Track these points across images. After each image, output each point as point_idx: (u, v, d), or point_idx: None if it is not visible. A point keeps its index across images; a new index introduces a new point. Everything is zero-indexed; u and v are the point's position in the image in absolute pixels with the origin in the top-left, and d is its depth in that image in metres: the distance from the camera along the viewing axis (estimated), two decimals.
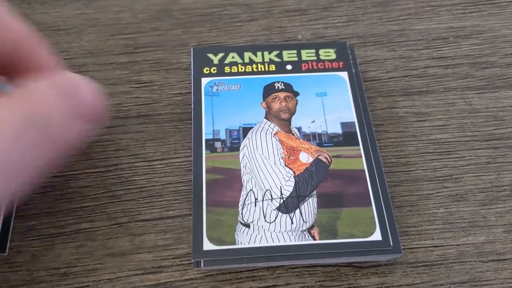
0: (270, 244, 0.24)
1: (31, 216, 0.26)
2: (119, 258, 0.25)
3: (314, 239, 0.24)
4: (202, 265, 0.24)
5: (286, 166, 0.26)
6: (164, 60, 0.32)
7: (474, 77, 0.31)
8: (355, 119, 0.28)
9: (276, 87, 0.29)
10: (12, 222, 0.26)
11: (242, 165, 0.26)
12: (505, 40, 0.33)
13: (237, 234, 0.24)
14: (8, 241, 0.25)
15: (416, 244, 0.26)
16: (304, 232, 0.24)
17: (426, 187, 0.27)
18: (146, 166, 0.28)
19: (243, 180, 0.26)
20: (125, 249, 0.26)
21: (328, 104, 0.28)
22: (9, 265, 0.25)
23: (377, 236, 0.24)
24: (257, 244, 0.24)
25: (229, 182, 0.26)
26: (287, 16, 0.34)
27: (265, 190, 0.26)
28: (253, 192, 0.26)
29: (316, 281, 0.25)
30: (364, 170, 0.26)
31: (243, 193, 0.26)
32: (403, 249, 0.25)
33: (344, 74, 0.29)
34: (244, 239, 0.24)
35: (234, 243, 0.24)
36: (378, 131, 0.29)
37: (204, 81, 0.29)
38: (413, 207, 0.27)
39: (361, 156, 0.27)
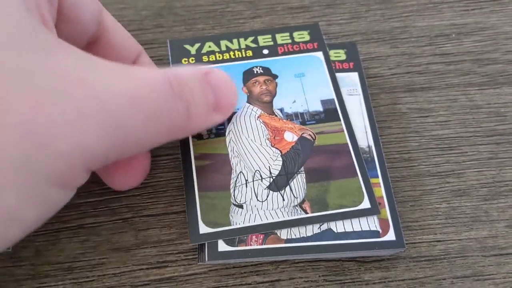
0: (265, 221, 0.25)
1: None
2: (123, 252, 0.25)
3: (306, 213, 0.25)
4: (206, 259, 0.24)
5: (272, 147, 0.27)
6: (167, 57, 0.32)
7: (476, 73, 0.31)
8: (334, 96, 0.28)
9: (255, 72, 0.30)
10: None
11: (229, 149, 0.27)
12: (507, 37, 0.33)
13: (231, 215, 0.25)
14: None
15: (419, 238, 0.26)
16: (296, 207, 0.25)
17: (428, 182, 0.28)
18: (151, 161, 0.28)
19: (232, 164, 0.26)
20: (130, 244, 0.26)
21: (307, 84, 0.29)
22: (13, 260, 0.25)
23: (365, 204, 0.25)
24: (251, 223, 0.25)
25: (218, 166, 0.26)
26: (290, 13, 0.34)
27: (254, 171, 0.26)
28: (243, 174, 0.26)
29: (319, 276, 0.25)
30: (347, 144, 0.27)
31: (233, 175, 0.26)
32: (405, 244, 0.26)
33: (319, 54, 0.30)
34: (239, 219, 0.25)
35: (229, 224, 0.25)
36: (381, 127, 0.29)
37: None
38: (415, 202, 0.27)
39: (343, 131, 0.27)
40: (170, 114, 0.20)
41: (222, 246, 0.24)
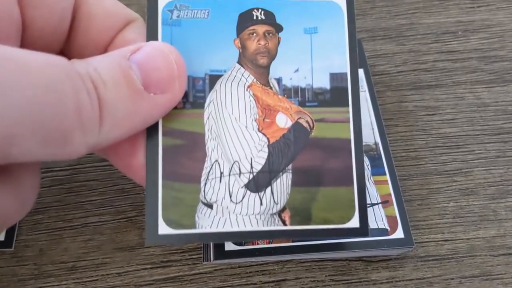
0: (235, 229, 0.21)
1: (39, 210, 0.26)
2: (127, 252, 0.25)
3: (285, 225, 0.21)
4: (212, 259, 0.24)
5: (259, 132, 0.22)
6: None
7: (483, 71, 0.31)
8: (348, 70, 0.22)
9: (255, 17, 0.23)
10: None
11: (206, 128, 0.21)
12: None
13: (197, 216, 0.21)
14: (15, 236, 0.25)
15: (427, 238, 0.26)
16: (274, 216, 0.21)
17: (436, 181, 0.27)
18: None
19: (207, 148, 0.21)
20: (134, 243, 0.25)
21: (317, 45, 0.22)
22: (17, 259, 0.25)
23: (354, 222, 0.21)
24: (220, 229, 0.21)
25: (190, 149, 0.21)
26: None
27: (232, 162, 0.21)
28: (219, 164, 0.21)
29: (326, 275, 0.25)
30: (349, 140, 0.22)
31: (207, 165, 0.21)
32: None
33: (341, 1, 0.23)
34: (205, 223, 0.21)
35: (194, 226, 0.21)
36: (387, 125, 0.29)
37: (162, 3, 0.22)
38: (423, 201, 0.27)
39: (349, 121, 0.22)
40: (72, 91, 0.17)
41: (229, 245, 0.23)
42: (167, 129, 0.21)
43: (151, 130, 0.21)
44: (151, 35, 0.21)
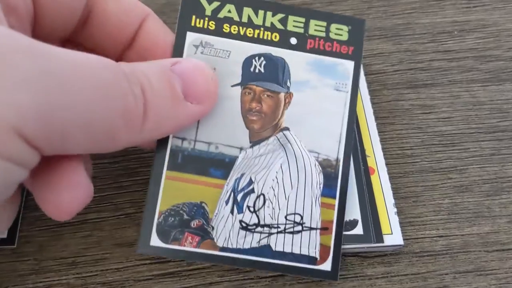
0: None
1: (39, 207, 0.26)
2: (126, 247, 0.25)
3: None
4: (137, 250, 0.23)
5: None
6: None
7: (479, 70, 0.31)
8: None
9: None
10: (21, 214, 0.26)
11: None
12: (509, 34, 0.33)
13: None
14: (17, 233, 0.25)
15: (422, 234, 0.26)
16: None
17: (431, 178, 0.28)
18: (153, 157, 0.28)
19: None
20: (133, 239, 0.26)
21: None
22: (17, 255, 0.25)
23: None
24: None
25: None
26: None
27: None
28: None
29: None
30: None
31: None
32: (408, 239, 0.26)
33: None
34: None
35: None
36: (383, 123, 0.29)
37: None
38: (418, 198, 0.27)
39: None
40: (121, 94, 0.18)
41: (155, 240, 0.22)
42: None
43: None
44: None
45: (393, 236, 0.25)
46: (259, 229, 0.23)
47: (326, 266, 0.22)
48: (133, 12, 0.23)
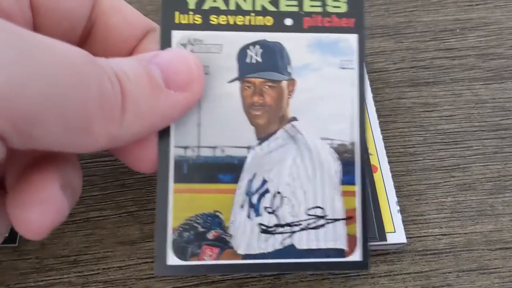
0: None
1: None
2: (128, 246, 0.25)
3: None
4: (155, 272, 0.22)
5: None
6: None
7: (481, 68, 0.31)
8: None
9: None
10: None
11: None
12: (511, 32, 0.33)
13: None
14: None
15: (424, 232, 0.26)
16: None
17: (433, 176, 0.28)
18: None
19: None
20: (135, 237, 0.26)
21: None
22: (19, 253, 0.25)
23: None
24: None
25: None
26: None
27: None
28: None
29: None
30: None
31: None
32: (411, 237, 0.26)
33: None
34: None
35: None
36: (385, 121, 0.29)
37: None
38: (421, 196, 0.27)
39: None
40: (96, 81, 0.17)
41: (172, 259, 0.21)
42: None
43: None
44: None
45: (396, 234, 0.24)
46: (280, 229, 0.21)
47: (356, 256, 0.21)
48: (137, 25, 0.23)
